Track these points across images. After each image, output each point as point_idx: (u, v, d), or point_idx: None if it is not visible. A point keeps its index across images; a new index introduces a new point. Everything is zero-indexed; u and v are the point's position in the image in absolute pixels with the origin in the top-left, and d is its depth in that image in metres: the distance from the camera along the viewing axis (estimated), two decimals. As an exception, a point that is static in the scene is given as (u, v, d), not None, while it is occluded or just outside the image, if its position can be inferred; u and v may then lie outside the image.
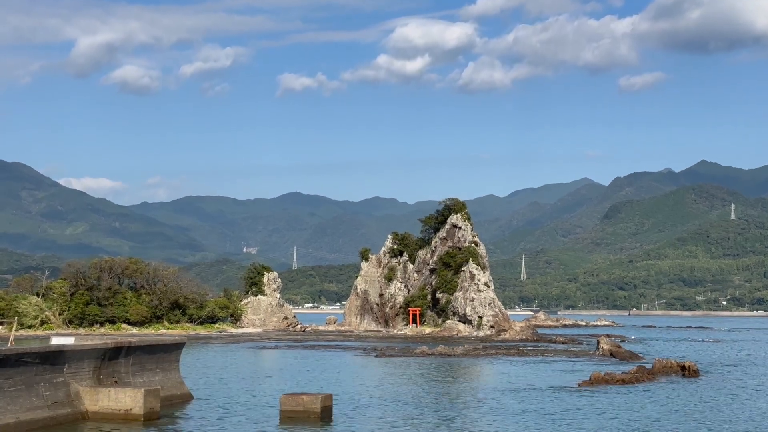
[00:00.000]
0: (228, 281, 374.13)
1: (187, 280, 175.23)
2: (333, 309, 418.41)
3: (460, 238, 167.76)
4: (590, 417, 44.15)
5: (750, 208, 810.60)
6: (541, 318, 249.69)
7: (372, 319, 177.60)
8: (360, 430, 39.16)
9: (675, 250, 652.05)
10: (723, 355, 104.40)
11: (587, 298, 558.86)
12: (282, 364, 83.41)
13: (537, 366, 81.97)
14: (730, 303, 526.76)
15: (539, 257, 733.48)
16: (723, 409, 48.23)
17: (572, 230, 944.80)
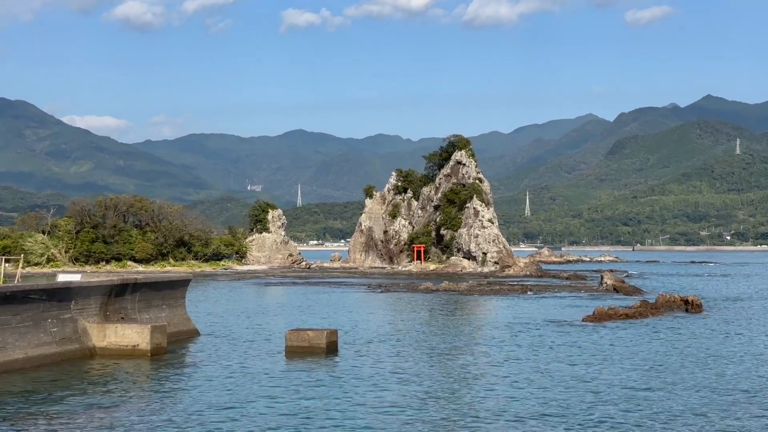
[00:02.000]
0: (232, 219, 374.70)
1: (192, 217, 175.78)
2: (338, 246, 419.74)
3: (464, 174, 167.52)
4: (594, 351, 44.44)
5: (755, 142, 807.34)
6: (545, 254, 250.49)
7: (376, 256, 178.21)
8: (365, 365, 39.46)
9: (679, 186, 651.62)
10: (726, 290, 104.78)
11: (591, 234, 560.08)
12: (287, 301, 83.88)
13: (541, 301, 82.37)
14: (734, 238, 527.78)
15: (543, 193, 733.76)
16: (725, 343, 48.52)
17: (576, 166, 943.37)
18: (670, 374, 37.16)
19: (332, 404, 30.10)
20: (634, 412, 28.95)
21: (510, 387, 33.85)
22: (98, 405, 29.53)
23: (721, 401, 30.96)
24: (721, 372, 38.00)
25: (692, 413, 28.77)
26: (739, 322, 61.53)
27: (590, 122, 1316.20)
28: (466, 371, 38.09)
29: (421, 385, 34.32)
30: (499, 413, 28.71)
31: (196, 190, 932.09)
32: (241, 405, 29.82)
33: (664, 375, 36.96)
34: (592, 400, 31.00)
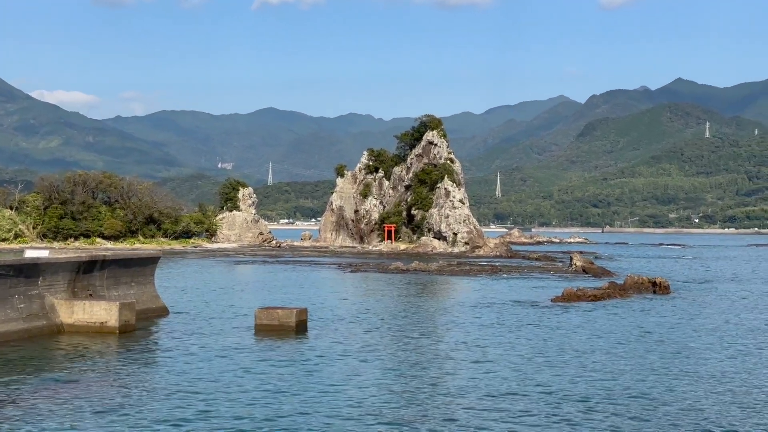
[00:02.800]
0: (203, 196, 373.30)
1: (162, 194, 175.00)
2: (308, 225, 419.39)
3: (435, 154, 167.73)
4: (563, 331, 44.70)
5: (725, 126, 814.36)
6: (516, 235, 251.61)
7: (347, 235, 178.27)
8: (335, 344, 39.47)
9: (649, 168, 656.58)
10: (694, 272, 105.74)
11: (561, 216, 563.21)
12: (257, 279, 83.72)
13: (510, 282, 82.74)
14: (702, 221, 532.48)
15: (514, 174, 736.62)
16: (690, 324, 48.94)
17: (547, 148, 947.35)
18: (634, 354, 37.46)
19: (300, 383, 30.07)
20: (599, 390, 29.15)
21: (478, 365, 33.99)
22: (65, 381, 29.36)
23: (679, 381, 31.24)
24: (684, 353, 38.34)
25: (649, 392, 29.02)
26: (706, 304, 62.11)
27: (562, 104, 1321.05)
28: (435, 350, 38.21)
29: (391, 363, 34.39)
30: (468, 390, 28.82)
31: (166, 167, 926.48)
32: (208, 383, 29.73)
33: (627, 355, 37.26)
34: (557, 378, 31.18)
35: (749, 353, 38.59)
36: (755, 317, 53.97)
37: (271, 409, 26.11)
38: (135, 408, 25.75)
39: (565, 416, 25.55)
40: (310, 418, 25.01)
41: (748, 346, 40.90)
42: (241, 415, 25.25)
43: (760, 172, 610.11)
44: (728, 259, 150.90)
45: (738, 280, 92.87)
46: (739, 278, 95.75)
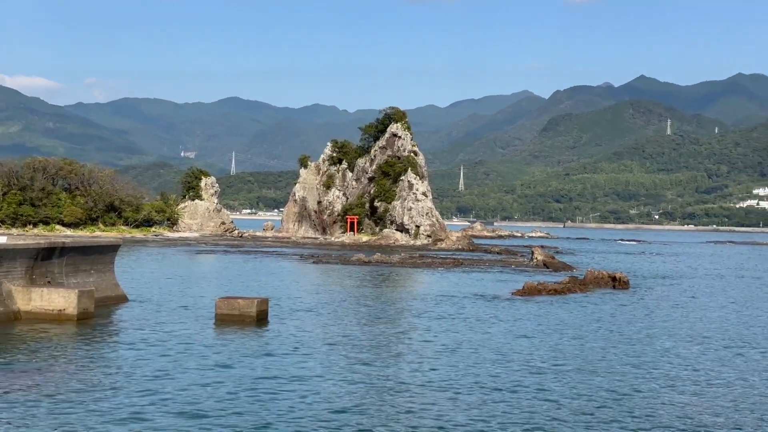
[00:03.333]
0: (165, 185, 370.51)
1: (124, 182, 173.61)
2: (271, 215, 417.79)
3: (399, 147, 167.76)
4: (521, 324, 44.98)
5: (686, 124, 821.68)
6: (478, 228, 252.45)
7: (310, 226, 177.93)
8: (295, 334, 39.44)
9: (611, 164, 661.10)
10: (653, 268, 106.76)
11: (524, 210, 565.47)
12: (218, 269, 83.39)
13: (472, 275, 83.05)
14: (662, 217, 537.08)
15: (477, 168, 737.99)
16: (647, 319, 49.44)
17: (511, 142, 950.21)
18: (590, 348, 37.79)
19: (260, 372, 30.02)
20: (554, 383, 29.39)
21: (437, 358, 34.12)
22: (22, 369, 29.09)
23: (634, 374, 31.57)
24: (637, 347, 38.73)
25: (601, 385, 29.33)
26: (664, 300, 62.77)
27: (525, 99, 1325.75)
28: (395, 342, 38.30)
29: (350, 355, 34.42)
30: (426, 383, 28.93)
31: (128, 155, 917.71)
32: (167, 372, 29.59)
33: (584, 349, 37.57)
34: (515, 370, 31.38)
35: (702, 344, 39.11)
36: (710, 312, 54.64)
37: (230, 397, 26.05)
38: (92, 396, 25.58)
39: (519, 405, 25.74)
40: (269, 408, 24.98)
41: (701, 337, 41.42)
42: (199, 404, 25.16)
43: (720, 170, 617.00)
44: (687, 255, 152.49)
45: (695, 276, 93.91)
46: (697, 274, 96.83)
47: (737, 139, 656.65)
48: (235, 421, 23.53)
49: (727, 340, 42.22)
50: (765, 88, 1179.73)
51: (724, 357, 36.87)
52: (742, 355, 37.67)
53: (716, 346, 39.91)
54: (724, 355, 37.32)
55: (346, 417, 24.26)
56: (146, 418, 23.49)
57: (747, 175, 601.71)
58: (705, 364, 34.89)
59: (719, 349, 39.24)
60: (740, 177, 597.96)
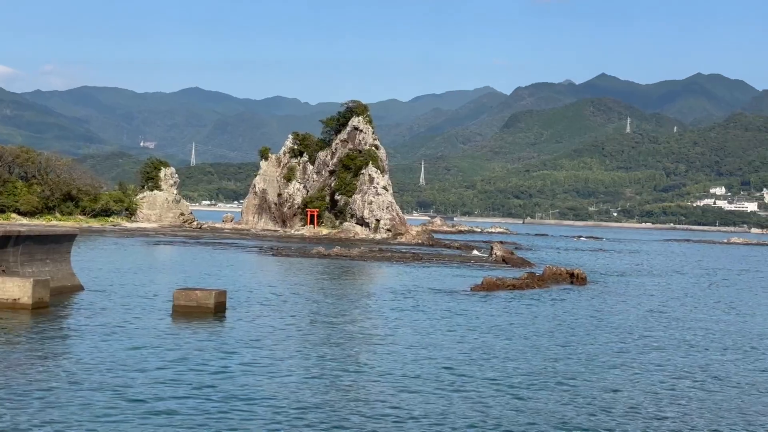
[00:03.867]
0: (124, 175, 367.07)
1: (81, 171, 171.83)
2: (231, 207, 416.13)
3: (361, 140, 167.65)
4: (479, 318, 45.14)
5: (645, 122, 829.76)
6: (438, 223, 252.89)
7: (269, 219, 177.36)
8: (253, 325, 39.28)
9: (571, 161, 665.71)
10: (610, 264, 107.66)
11: (484, 206, 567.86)
12: (176, 260, 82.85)
13: (431, 270, 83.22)
14: (620, 214, 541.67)
15: (438, 163, 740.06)
16: (605, 313, 49.84)
17: (472, 138, 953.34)
18: (546, 342, 38.02)
19: (217, 363, 29.85)
20: (506, 376, 29.54)
21: (395, 350, 34.14)
22: (-26, 359, 28.68)
23: (583, 368, 31.81)
24: (588, 342, 39.04)
25: (546, 373, 29.51)
26: (620, 296, 63.29)
27: (487, 95, 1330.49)
28: (352, 335, 38.28)
29: (307, 346, 34.35)
30: (384, 374, 28.93)
31: (87, 144, 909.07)
32: (122, 363, 29.32)
33: (538, 342, 37.80)
34: (468, 363, 31.48)
35: (656, 339, 39.50)
36: (664, 308, 55.19)
37: (186, 390, 25.86)
38: (45, 387, 25.28)
39: (470, 397, 25.84)
40: (225, 398, 24.84)
41: (653, 334, 41.82)
42: (155, 395, 24.96)
43: (678, 168, 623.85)
44: (644, 253, 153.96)
45: (652, 273, 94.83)
46: (654, 271, 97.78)
47: (695, 139, 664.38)
48: (192, 412, 23.36)
49: (672, 334, 42.70)
50: (723, 89, 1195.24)
51: (674, 350, 37.27)
52: (686, 348, 38.09)
53: (661, 341, 40.34)
54: (673, 348, 37.73)
55: (303, 407, 24.19)
56: (101, 409, 23.24)
57: (704, 174, 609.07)
58: (651, 357, 35.24)
59: (665, 344, 39.68)
60: (698, 176, 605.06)
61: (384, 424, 23.18)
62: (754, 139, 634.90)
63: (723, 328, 46.75)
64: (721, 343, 40.90)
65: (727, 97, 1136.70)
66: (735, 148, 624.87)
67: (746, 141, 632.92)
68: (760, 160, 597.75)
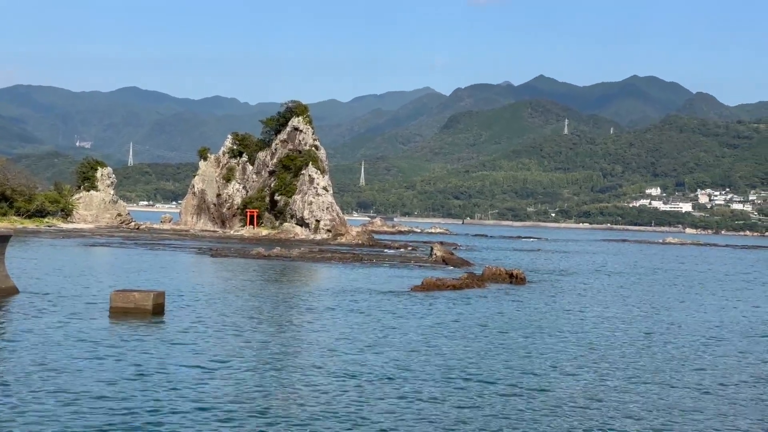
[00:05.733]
0: (59, 175, 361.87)
1: (16, 171, 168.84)
2: (169, 208, 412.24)
3: (300, 141, 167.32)
4: (418, 318, 45.38)
5: (582, 124, 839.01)
6: (378, 224, 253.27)
7: (209, 219, 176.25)
8: (191, 327, 39.04)
9: (509, 162, 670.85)
10: (549, 264, 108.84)
11: (423, 206, 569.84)
12: (114, 261, 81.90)
13: (371, 270, 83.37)
14: (558, 215, 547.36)
15: (379, 164, 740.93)
16: (544, 312, 50.43)
17: (412, 138, 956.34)
18: (478, 339, 38.38)
19: (154, 365, 29.64)
20: (438, 370, 29.80)
21: (330, 350, 34.21)
22: None
23: (520, 364, 32.20)
24: (523, 340, 39.52)
25: (481, 373, 29.83)
26: (557, 295, 64.04)
27: (427, 95, 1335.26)
28: (290, 335, 38.28)
29: (245, 347, 34.25)
30: (321, 375, 29.00)
31: (21, 143, 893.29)
32: (57, 366, 28.97)
33: (474, 339, 38.14)
34: (405, 363, 31.66)
35: (592, 338, 40.12)
36: (600, 307, 56.01)
37: (123, 393, 25.64)
38: (-21, 390, 24.88)
39: (405, 395, 26.02)
40: (162, 402, 24.68)
41: (587, 331, 42.45)
42: (91, 398, 24.71)
43: (614, 169, 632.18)
44: (582, 253, 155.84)
45: (588, 272, 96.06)
46: (590, 270, 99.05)
47: (631, 140, 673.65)
48: (128, 415, 23.18)
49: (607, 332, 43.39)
50: (658, 90, 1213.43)
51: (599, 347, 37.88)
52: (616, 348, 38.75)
53: (596, 339, 40.97)
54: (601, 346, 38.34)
55: (239, 407, 24.15)
56: (35, 413, 22.95)
57: (640, 175, 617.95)
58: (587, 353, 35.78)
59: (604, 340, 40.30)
60: (634, 177, 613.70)
61: (321, 424, 23.25)
62: (688, 140, 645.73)
63: (649, 325, 47.60)
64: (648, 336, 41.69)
65: (662, 99, 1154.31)
66: (670, 149, 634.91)
67: (681, 142, 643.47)
68: (695, 162, 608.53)
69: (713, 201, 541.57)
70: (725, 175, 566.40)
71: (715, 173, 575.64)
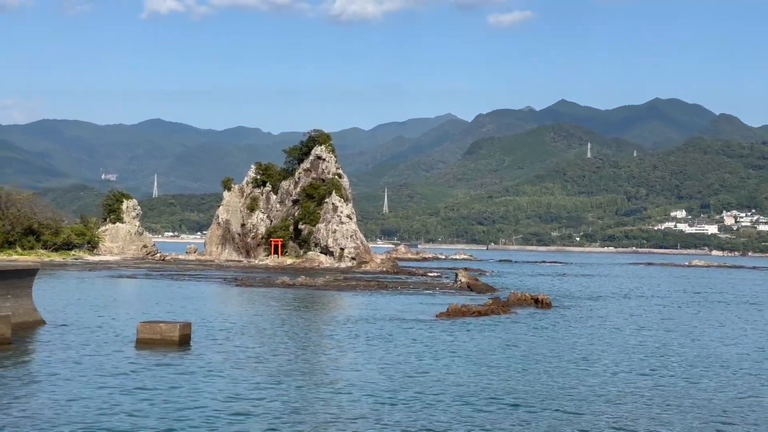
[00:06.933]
0: (85, 208, 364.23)
1: (42, 205, 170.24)
2: (194, 238, 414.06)
3: (324, 169, 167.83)
4: (443, 346, 45.24)
5: (605, 147, 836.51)
6: (402, 251, 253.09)
7: (233, 249, 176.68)
8: (218, 358, 39.10)
9: (533, 187, 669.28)
10: (574, 289, 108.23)
11: (447, 232, 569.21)
12: (140, 293, 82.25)
13: (396, 297, 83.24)
14: (583, 239, 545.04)
15: (402, 191, 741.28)
16: (568, 338, 50.13)
17: (435, 165, 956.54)
18: (505, 365, 38.20)
19: (180, 398, 29.69)
20: (475, 403, 29.68)
21: (360, 379, 34.13)
22: (-66, 397, 28.32)
23: (540, 392, 32.01)
24: (547, 365, 39.29)
25: (506, 397, 29.68)
26: (584, 320, 63.65)
27: (449, 122, 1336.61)
28: (317, 365, 38.23)
29: (272, 378, 34.24)
30: (350, 403, 28.92)
31: (47, 177, 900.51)
32: (85, 398, 29.09)
33: (500, 371, 37.97)
34: (434, 392, 31.55)
35: (616, 363, 39.83)
36: (626, 332, 55.61)
37: (151, 424, 25.70)
38: (9, 425, 25.01)
39: (433, 422, 25.92)
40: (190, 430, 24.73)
41: (613, 357, 42.16)
42: (120, 430, 24.78)
43: (638, 192, 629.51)
44: (608, 276, 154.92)
45: (616, 296, 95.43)
46: (617, 295, 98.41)
47: (655, 163, 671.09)
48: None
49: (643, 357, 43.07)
50: (681, 113, 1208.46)
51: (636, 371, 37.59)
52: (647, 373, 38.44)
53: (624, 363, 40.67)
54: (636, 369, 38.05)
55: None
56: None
57: (665, 197, 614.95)
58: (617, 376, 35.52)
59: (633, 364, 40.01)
60: (658, 200, 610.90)
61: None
62: (712, 162, 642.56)
63: (678, 351, 47.21)
64: (676, 363, 41.34)
65: (685, 122, 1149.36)
66: (694, 171, 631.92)
67: (705, 164, 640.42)
68: (720, 183, 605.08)
69: (739, 222, 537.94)
70: (751, 196, 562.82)
71: (740, 194, 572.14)
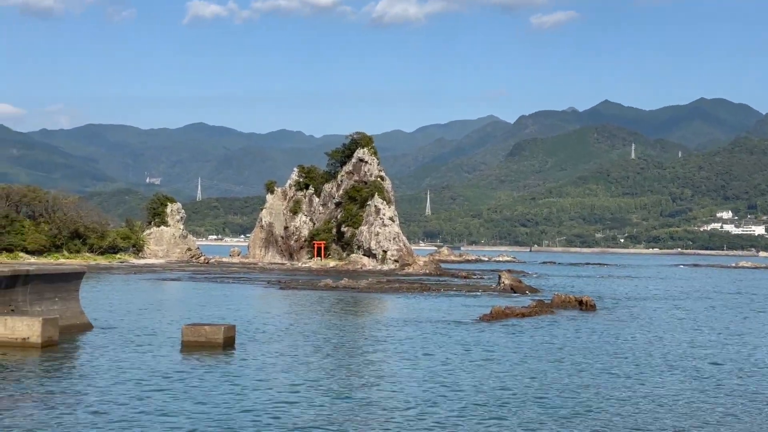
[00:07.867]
0: (130, 211, 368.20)
1: (88, 209, 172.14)
2: (237, 241, 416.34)
3: (366, 172, 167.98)
4: (489, 348, 45.02)
5: (649, 148, 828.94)
6: (445, 253, 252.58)
7: (276, 252, 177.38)
8: (262, 361, 39.22)
9: (576, 188, 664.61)
10: (619, 290, 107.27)
11: (490, 234, 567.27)
12: (184, 295, 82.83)
13: (439, 300, 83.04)
14: (627, 240, 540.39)
15: (444, 193, 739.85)
16: (615, 341, 49.67)
17: (477, 167, 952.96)
18: (550, 368, 37.91)
19: (226, 400, 29.81)
20: (516, 400, 29.49)
21: (403, 383, 34.05)
22: (-16, 399, 28.65)
23: (587, 396, 31.71)
24: (596, 368, 38.94)
25: (550, 398, 29.43)
26: (630, 322, 63.04)
27: (491, 123, 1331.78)
28: (361, 368, 38.18)
29: (317, 380, 34.27)
30: (393, 409, 28.85)
31: (93, 181, 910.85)
32: (132, 400, 29.30)
33: (551, 374, 37.68)
34: (476, 396, 31.38)
35: (661, 366, 39.38)
36: (674, 334, 55.00)
37: (194, 427, 25.80)
38: (56, 427, 25.25)
39: (480, 423, 25.80)
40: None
41: (659, 360, 41.68)
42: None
43: (683, 193, 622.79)
44: (652, 278, 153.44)
45: (662, 298, 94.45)
46: (663, 297, 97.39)
47: (700, 163, 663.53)
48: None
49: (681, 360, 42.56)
50: (726, 113, 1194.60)
51: (677, 374, 37.15)
52: (690, 374, 37.95)
53: (667, 366, 40.20)
54: (677, 372, 37.60)
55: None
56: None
57: (710, 198, 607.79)
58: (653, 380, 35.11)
59: (670, 368, 39.52)
60: (704, 200, 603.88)
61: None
62: (759, 162, 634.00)
63: (724, 353, 46.59)
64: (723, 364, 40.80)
65: (731, 121, 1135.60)
66: (740, 171, 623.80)
67: (752, 164, 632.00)
68: (766, 184, 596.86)
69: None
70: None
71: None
